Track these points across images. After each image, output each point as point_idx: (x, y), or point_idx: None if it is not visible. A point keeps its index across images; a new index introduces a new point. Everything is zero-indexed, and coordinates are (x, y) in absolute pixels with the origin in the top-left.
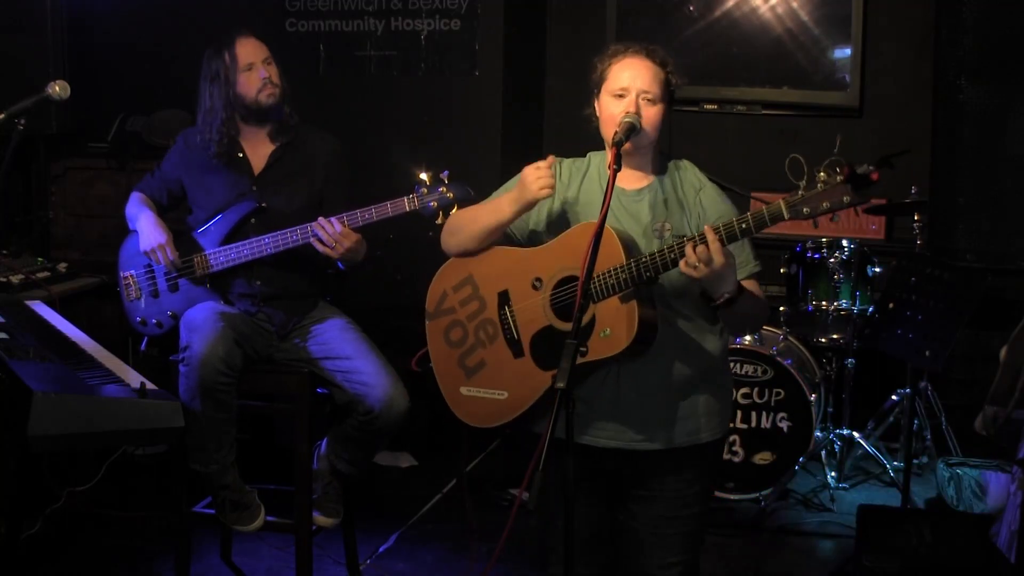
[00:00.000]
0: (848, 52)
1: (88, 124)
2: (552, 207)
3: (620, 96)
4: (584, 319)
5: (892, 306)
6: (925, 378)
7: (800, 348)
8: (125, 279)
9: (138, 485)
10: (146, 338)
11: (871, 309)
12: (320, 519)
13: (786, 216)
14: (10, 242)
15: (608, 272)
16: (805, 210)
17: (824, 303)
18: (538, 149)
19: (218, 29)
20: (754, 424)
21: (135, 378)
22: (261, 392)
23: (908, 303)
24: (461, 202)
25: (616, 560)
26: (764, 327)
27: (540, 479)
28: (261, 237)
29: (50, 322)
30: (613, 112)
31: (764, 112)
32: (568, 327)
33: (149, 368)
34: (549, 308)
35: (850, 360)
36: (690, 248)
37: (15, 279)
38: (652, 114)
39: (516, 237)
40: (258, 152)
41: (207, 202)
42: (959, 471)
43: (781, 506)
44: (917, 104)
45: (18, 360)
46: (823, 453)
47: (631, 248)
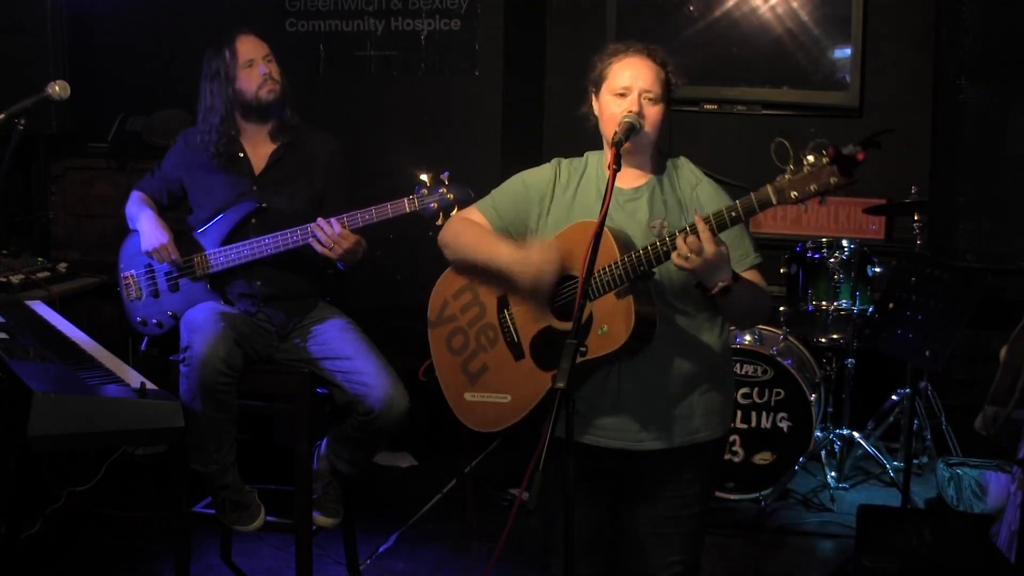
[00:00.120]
0: (848, 52)
1: (88, 124)
2: (551, 208)
3: (622, 95)
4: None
5: (892, 306)
6: (925, 378)
7: (800, 348)
8: (125, 279)
9: (138, 485)
10: (146, 338)
11: (871, 309)
12: (320, 519)
13: (774, 201)
14: (10, 242)
15: (603, 269)
16: (793, 194)
17: (824, 303)
18: (538, 149)
19: (218, 29)
20: (754, 424)
21: (135, 378)
22: (261, 392)
23: (908, 303)
24: (461, 203)
25: (617, 560)
26: (764, 327)
27: (540, 479)
28: (261, 237)
29: (50, 322)
30: (614, 111)
31: (764, 112)
32: (567, 326)
33: (149, 368)
34: (548, 308)
35: (850, 360)
36: (681, 239)
37: (15, 279)
38: (653, 113)
39: (514, 236)
40: (258, 152)
41: (207, 202)
42: (959, 471)
43: (781, 506)
44: (917, 104)
45: (18, 360)
46: (823, 453)
47: (626, 245)
